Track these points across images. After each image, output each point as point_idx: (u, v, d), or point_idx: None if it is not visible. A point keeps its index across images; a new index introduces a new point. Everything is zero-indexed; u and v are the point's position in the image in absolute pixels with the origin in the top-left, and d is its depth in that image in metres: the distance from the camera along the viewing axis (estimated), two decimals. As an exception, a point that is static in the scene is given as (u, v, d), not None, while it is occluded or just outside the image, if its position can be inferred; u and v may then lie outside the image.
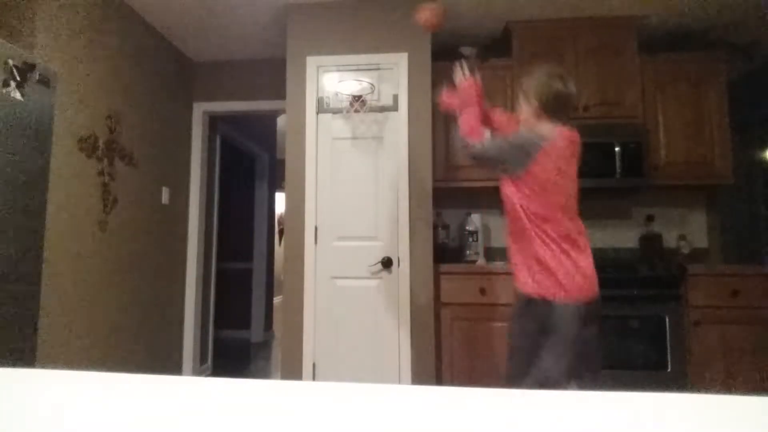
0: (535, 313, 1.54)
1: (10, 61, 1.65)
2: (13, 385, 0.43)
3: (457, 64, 1.81)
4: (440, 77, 2.83)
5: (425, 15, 1.82)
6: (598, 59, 2.74)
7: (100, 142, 2.40)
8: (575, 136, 1.56)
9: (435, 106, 2.81)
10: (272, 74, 3.36)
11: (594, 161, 2.64)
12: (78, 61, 2.26)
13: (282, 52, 3.29)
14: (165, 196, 3.05)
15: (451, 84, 1.83)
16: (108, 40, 2.48)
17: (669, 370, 2.34)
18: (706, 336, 2.35)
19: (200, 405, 0.38)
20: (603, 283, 2.40)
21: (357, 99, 2.50)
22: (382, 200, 2.48)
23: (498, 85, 2.81)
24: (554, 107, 1.55)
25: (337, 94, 2.55)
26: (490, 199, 3.10)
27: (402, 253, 2.43)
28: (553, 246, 1.51)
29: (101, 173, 2.41)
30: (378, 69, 2.55)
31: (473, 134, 1.65)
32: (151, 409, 0.37)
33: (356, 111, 2.50)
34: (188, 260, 3.33)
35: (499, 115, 1.86)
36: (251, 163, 5.00)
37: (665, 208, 3.00)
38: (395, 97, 2.53)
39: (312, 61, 2.57)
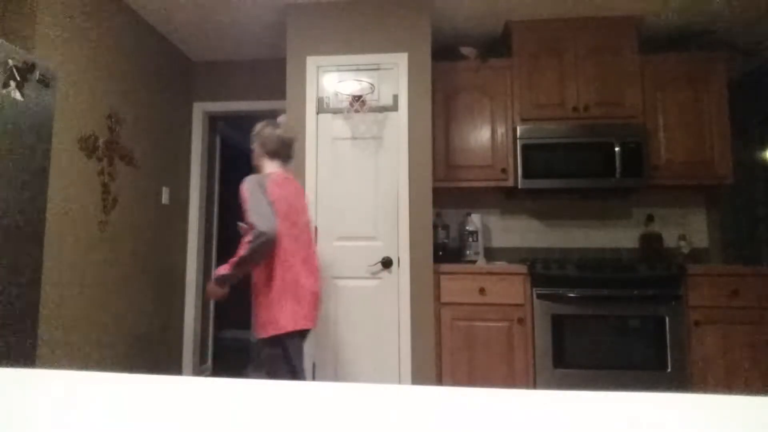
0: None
1: (10, 61, 1.65)
2: (13, 385, 0.43)
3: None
4: (440, 77, 2.84)
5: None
6: (598, 59, 2.74)
7: (100, 142, 2.40)
8: (291, 177, 1.88)
9: (435, 106, 2.81)
10: (272, 74, 3.36)
11: (594, 161, 2.64)
12: (78, 61, 2.26)
13: (282, 52, 3.29)
14: (165, 196, 3.05)
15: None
16: (108, 40, 2.48)
17: (669, 370, 2.34)
18: (706, 336, 2.35)
19: (200, 405, 0.38)
20: (603, 283, 2.42)
21: (357, 99, 2.50)
22: (382, 200, 2.48)
23: (498, 85, 2.81)
24: (277, 151, 1.88)
25: (337, 94, 2.55)
26: (490, 199, 3.11)
27: (402, 253, 2.43)
28: None
29: (101, 173, 2.41)
30: (378, 69, 2.55)
31: (240, 263, 1.66)
32: (151, 409, 0.37)
33: (356, 111, 2.50)
34: (188, 260, 3.33)
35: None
36: (251, 163, 4.99)
37: (665, 208, 3.00)
38: (395, 97, 2.53)
39: (312, 61, 2.57)
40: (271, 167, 1.89)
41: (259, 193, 1.70)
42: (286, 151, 1.90)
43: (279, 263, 1.70)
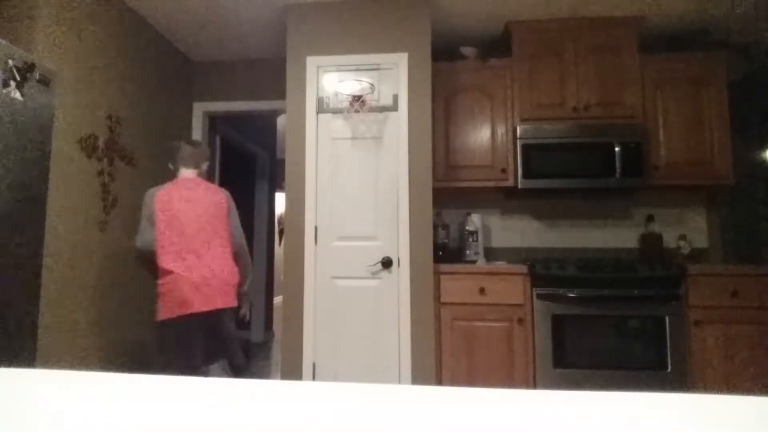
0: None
1: (10, 61, 1.65)
2: (13, 385, 0.43)
3: None
4: (440, 77, 2.84)
5: None
6: (598, 59, 2.74)
7: (100, 142, 2.40)
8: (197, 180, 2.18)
9: (435, 106, 2.81)
10: (272, 74, 3.36)
11: (594, 161, 2.64)
12: (78, 61, 2.26)
13: (282, 52, 3.30)
14: (165, 196, 3.04)
15: None
16: (108, 40, 2.48)
17: (669, 370, 2.34)
18: (706, 336, 2.35)
19: (200, 405, 0.38)
20: (603, 283, 2.42)
21: (357, 99, 2.50)
22: (382, 200, 2.48)
23: (498, 85, 2.81)
24: (186, 160, 2.19)
25: (337, 94, 2.55)
26: (490, 199, 3.11)
27: (402, 253, 2.43)
28: None
29: (101, 173, 2.41)
30: (378, 69, 2.55)
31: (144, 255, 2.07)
32: (151, 409, 0.37)
33: (356, 111, 2.50)
34: (188, 260, 3.32)
35: None
36: (251, 163, 5.00)
37: (665, 208, 3.00)
38: (395, 97, 2.53)
39: (312, 61, 2.57)
40: (182, 174, 2.22)
41: (144, 209, 2.04)
42: (195, 160, 2.21)
43: (159, 267, 1.99)
